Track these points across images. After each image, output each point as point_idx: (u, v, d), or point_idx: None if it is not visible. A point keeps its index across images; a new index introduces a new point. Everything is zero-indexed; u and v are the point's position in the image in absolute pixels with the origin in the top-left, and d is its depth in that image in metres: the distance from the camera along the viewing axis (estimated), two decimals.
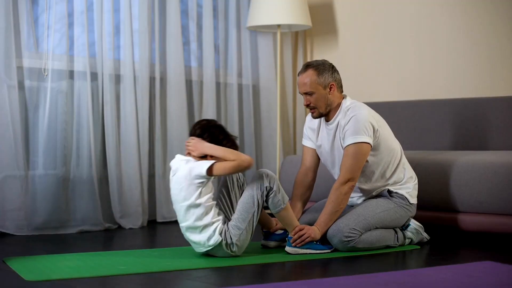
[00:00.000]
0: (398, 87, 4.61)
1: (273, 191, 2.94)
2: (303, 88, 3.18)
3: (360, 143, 3.09)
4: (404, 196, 3.24)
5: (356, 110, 3.15)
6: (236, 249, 2.92)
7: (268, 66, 4.87)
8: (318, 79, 3.16)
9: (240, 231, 2.90)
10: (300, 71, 3.23)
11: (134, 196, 4.08)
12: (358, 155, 3.09)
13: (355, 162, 3.09)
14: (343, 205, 3.10)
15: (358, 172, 3.11)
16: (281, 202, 2.96)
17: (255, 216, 2.93)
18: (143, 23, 4.18)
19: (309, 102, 3.19)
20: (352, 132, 3.10)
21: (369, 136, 3.11)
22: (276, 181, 2.95)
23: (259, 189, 2.92)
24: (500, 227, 3.31)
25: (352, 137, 3.10)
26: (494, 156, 3.42)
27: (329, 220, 3.07)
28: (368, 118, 3.13)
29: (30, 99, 3.78)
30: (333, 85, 3.18)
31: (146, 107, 4.18)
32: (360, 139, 3.09)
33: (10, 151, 3.64)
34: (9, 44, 3.65)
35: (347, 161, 3.10)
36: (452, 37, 4.34)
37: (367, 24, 4.79)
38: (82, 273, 2.56)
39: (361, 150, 3.10)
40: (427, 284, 2.37)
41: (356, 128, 3.10)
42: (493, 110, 3.96)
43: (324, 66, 3.18)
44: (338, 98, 3.22)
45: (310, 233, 3.02)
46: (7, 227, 3.64)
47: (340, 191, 3.08)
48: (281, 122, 4.95)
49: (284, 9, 4.50)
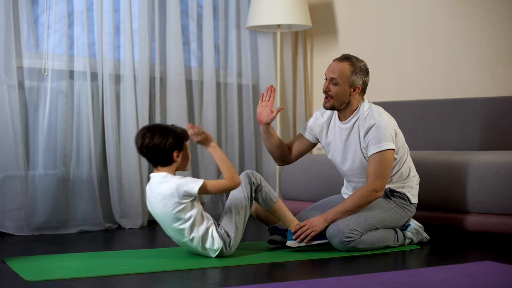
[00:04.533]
0: (398, 87, 4.61)
1: (261, 186, 2.99)
2: (332, 73, 3.18)
3: (385, 151, 3.10)
4: (406, 195, 3.24)
5: (376, 117, 3.15)
6: (232, 248, 2.91)
7: (268, 66, 4.88)
8: (350, 75, 3.16)
9: (234, 228, 2.89)
10: (338, 58, 3.22)
11: (134, 196, 4.08)
12: (384, 162, 3.10)
13: (384, 170, 3.10)
14: (361, 209, 3.11)
15: (386, 179, 3.12)
16: (271, 197, 3.01)
17: (247, 211, 2.95)
18: (143, 23, 4.18)
19: (329, 90, 3.18)
20: (377, 140, 3.11)
21: (392, 141, 3.13)
22: (261, 178, 3.01)
23: (248, 185, 2.95)
24: (500, 227, 3.31)
25: (377, 146, 3.11)
26: (494, 156, 3.42)
27: (340, 215, 3.08)
28: (389, 124, 3.15)
29: (30, 99, 3.78)
30: (358, 88, 3.19)
31: (146, 107, 4.18)
32: (384, 146, 3.10)
33: (10, 151, 3.64)
34: (9, 44, 3.65)
35: (375, 169, 3.10)
36: (452, 37, 4.34)
37: (367, 24, 4.79)
38: (82, 273, 2.56)
39: (387, 157, 3.11)
40: (427, 284, 2.37)
41: (380, 135, 3.10)
42: (493, 110, 3.96)
43: (360, 67, 3.18)
44: (357, 100, 3.22)
45: (313, 228, 3.04)
46: (7, 227, 3.64)
47: (367, 198, 3.09)
48: (281, 122, 4.95)
49: (284, 9, 4.50)
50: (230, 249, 2.91)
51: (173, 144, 2.81)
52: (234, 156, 4.67)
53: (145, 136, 2.81)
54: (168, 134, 2.81)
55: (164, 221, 2.86)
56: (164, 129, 2.83)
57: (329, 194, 3.66)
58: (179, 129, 2.86)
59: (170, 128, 2.84)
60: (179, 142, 2.83)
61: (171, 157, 2.82)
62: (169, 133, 2.82)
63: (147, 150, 2.82)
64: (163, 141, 2.79)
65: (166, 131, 2.82)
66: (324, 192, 3.83)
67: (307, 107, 5.16)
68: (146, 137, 2.81)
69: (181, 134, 2.85)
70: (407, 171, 3.28)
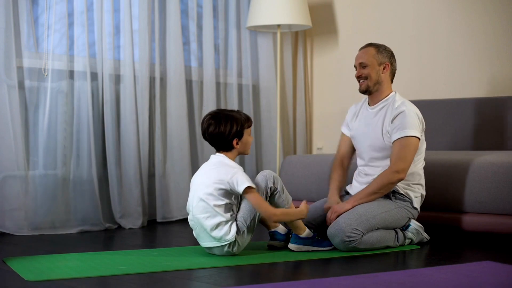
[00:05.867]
0: (398, 87, 4.60)
1: (278, 191, 3.00)
2: (360, 59, 3.34)
3: (408, 137, 3.17)
4: (411, 197, 3.25)
5: (407, 105, 3.25)
6: (236, 248, 2.93)
7: (268, 66, 4.88)
8: (376, 54, 3.32)
9: (242, 230, 2.91)
10: (362, 47, 3.38)
11: (134, 196, 4.08)
12: (408, 147, 3.17)
13: (407, 153, 3.16)
14: (385, 191, 3.18)
15: (409, 163, 3.17)
16: (285, 203, 3.03)
17: (258, 215, 2.95)
18: (143, 23, 4.18)
19: (361, 73, 3.33)
20: (403, 126, 3.18)
21: (419, 131, 3.20)
22: (280, 182, 3.02)
23: (265, 189, 2.97)
24: (500, 227, 3.31)
25: (401, 131, 3.18)
26: (494, 156, 3.42)
27: (364, 198, 3.15)
28: (418, 114, 3.25)
29: (30, 99, 3.78)
30: (388, 66, 3.33)
31: (146, 107, 4.19)
32: (409, 132, 3.17)
33: (10, 151, 3.64)
34: (9, 44, 3.65)
35: (398, 151, 3.17)
36: (452, 37, 4.34)
37: (367, 24, 4.79)
38: (82, 273, 2.56)
39: (411, 142, 3.17)
40: (427, 284, 2.37)
41: (405, 122, 3.18)
42: (493, 110, 3.96)
43: (385, 48, 3.36)
44: (388, 84, 3.36)
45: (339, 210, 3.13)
46: (7, 227, 3.64)
47: (389, 179, 3.15)
48: (281, 122, 4.95)
49: (284, 9, 4.51)
50: (239, 248, 2.93)
51: (234, 132, 2.97)
52: None
53: (210, 123, 2.98)
54: (230, 122, 2.96)
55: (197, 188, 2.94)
56: (227, 116, 2.98)
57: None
58: (242, 117, 3.00)
59: (233, 116, 2.98)
60: (239, 130, 2.98)
61: (231, 144, 2.98)
62: (231, 121, 2.97)
63: (210, 137, 3.00)
64: (224, 130, 2.96)
65: (228, 120, 2.97)
66: (324, 192, 3.83)
67: (307, 107, 5.16)
68: (211, 124, 2.97)
69: (242, 122, 2.98)
70: (417, 176, 3.29)
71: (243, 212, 2.94)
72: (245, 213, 2.93)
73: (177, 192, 4.32)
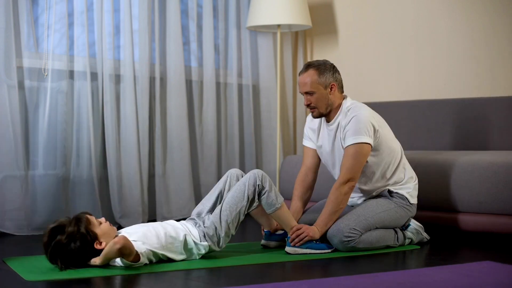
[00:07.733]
0: (398, 87, 4.61)
1: (265, 190, 2.93)
2: (304, 87, 3.18)
3: (360, 144, 3.09)
4: (405, 196, 3.24)
5: (356, 111, 3.15)
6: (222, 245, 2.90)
7: (268, 66, 4.88)
8: (319, 78, 3.15)
9: (225, 227, 2.87)
10: (301, 70, 3.22)
11: (134, 196, 4.08)
12: (358, 156, 3.09)
13: (356, 162, 3.09)
14: (343, 205, 3.10)
15: (358, 173, 3.11)
16: (275, 202, 2.96)
17: (242, 212, 2.90)
18: (143, 23, 4.18)
19: (310, 102, 3.18)
20: (353, 132, 3.10)
21: (370, 136, 3.11)
22: (268, 181, 2.95)
23: (251, 185, 2.91)
24: (500, 227, 3.31)
25: (353, 138, 3.09)
26: (494, 156, 3.42)
27: (328, 220, 3.07)
28: (369, 118, 3.13)
29: (30, 99, 3.78)
30: (334, 85, 3.18)
31: (146, 107, 4.19)
32: (360, 139, 3.08)
33: (10, 151, 3.64)
34: (9, 44, 3.65)
35: (347, 161, 3.10)
36: (452, 37, 4.34)
37: (367, 24, 4.79)
38: (82, 273, 2.56)
39: (362, 151, 3.09)
40: (427, 284, 2.37)
41: (357, 128, 3.09)
42: (493, 110, 3.96)
43: (325, 66, 3.18)
44: (339, 98, 3.22)
45: (308, 232, 3.02)
46: (7, 227, 3.64)
47: (340, 191, 3.08)
48: (281, 122, 4.95)
49: (284, 9, 4.50)
50: (220, 247, 2.90)
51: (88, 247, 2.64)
52: (234, 156, 4.67)
53: None
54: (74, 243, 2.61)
55: None
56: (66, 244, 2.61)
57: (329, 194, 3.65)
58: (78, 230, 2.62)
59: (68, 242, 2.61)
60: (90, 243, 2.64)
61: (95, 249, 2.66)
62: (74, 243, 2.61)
63: None
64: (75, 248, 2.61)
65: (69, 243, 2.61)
66: (324, 192, 3.83)
67: None
68: None
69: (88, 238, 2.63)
70: (401, 174, 3.27)
71: (227, 205, 2.89)
72: (231, 206, 2.89)
73: (177, 192, 4.32)
